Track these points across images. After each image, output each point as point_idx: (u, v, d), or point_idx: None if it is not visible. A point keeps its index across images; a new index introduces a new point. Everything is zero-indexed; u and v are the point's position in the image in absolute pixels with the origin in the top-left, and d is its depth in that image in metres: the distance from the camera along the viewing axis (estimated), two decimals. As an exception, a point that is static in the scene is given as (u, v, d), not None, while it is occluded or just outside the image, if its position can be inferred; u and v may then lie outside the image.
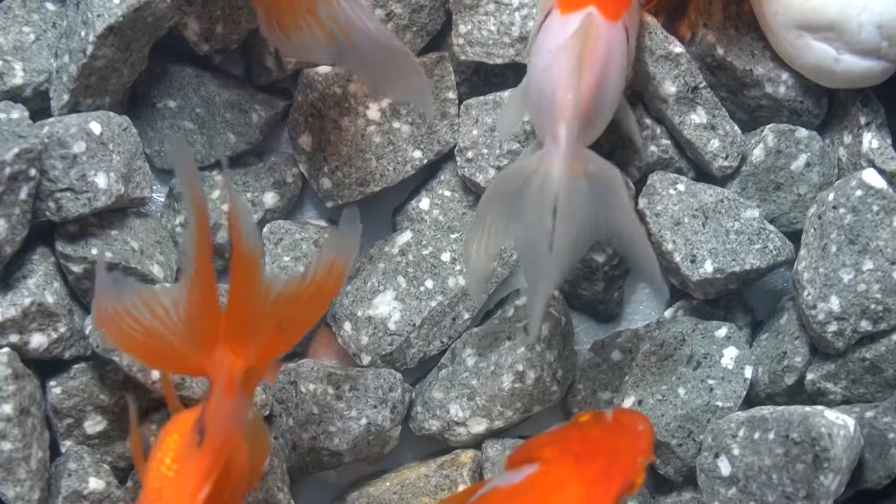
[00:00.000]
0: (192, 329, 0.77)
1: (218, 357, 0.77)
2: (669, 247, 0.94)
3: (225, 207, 0.98)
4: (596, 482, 0.79)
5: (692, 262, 0.94)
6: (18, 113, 0.91)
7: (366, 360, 0.96)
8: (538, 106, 0.83)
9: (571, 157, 0.80)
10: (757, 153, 0.98)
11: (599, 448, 0.80)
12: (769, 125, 0.98)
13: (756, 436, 0.88)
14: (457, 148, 0.98)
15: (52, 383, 0.93)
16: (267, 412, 0.96)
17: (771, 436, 0.87)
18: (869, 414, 0.91)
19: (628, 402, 0.95)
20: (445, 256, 0.97)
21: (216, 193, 0.99)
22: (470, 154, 0.98)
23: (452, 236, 0.98)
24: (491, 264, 0.95)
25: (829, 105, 1.00)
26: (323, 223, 1.00)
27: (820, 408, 0.88)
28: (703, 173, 1.00)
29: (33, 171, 0.88)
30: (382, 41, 0.85)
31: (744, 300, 1.00)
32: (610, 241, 0.83)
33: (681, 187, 0.96)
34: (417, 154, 0.99)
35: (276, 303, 0.78)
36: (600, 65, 0.83)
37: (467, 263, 0.87)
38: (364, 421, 0.95)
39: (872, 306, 0.91)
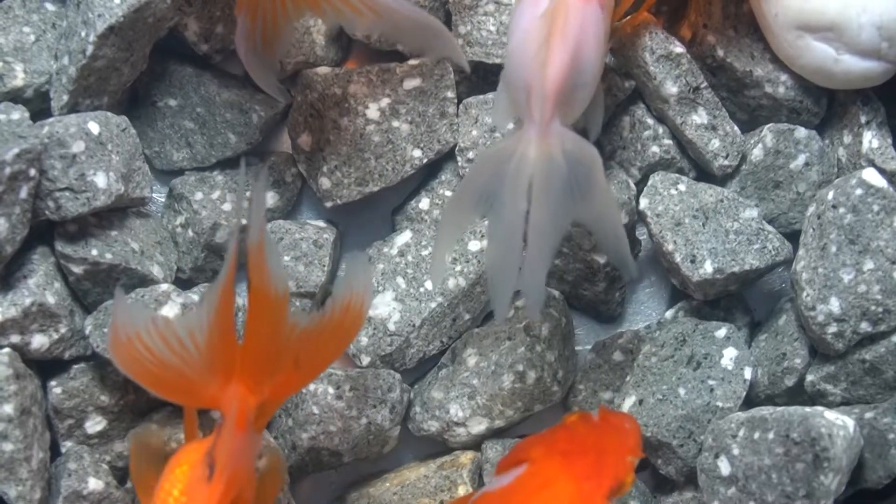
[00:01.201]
0: (208, 361, 0.76)
1: (232, 391, 0.76)
2: (670, 247, 0.94)
3: (225, 207, 0.98)
4: (586, 478, 0.79)
5: (692, 262, 0.94)
6: (19, 114, 0.91)
7: (365, 360, 0.96)
8: (514, 86, 0.83)
9: (547, 137, 0.80)
10: (756, 153, 0.98)
11: (587, 446, 0.80)
12: (768, 125, 0.98)
13: (756, 436, 0.88)
14: (457, 148, 0.99)
15: (53, 383, 0.93)
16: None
17: (771, 436, 0.87)
18: (869, 415, 0.91)
19: (629, 402, 0.95)
20: (446, 256, 0.97)
21: (216, 194, 0.98)
22: (471, 154, 0.98)
23: (453, 236, 0.98)
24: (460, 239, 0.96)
25: (828, 105, 1.00)
26: (322, 223, 1.00)
27: (820, 408, 0.88)
28: (703, 173, 1.00)
29: (33, 171, 0.88)
30: (405, 11, 0.85)
31: (743, 301, 1.00)
32: (583, 220, 0.83)
33: (682, 187, 0.96)
34: (417, 153, 0.99)
35: (294, 340, 0.78)
36: (574, 43, 0.81)
37: (439, 241, 0.88)
38: (364, 421, 0.95)
39: (873, 307, 0.91)
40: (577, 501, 0.79)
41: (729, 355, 0.95)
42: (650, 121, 0.99)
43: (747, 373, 0.94)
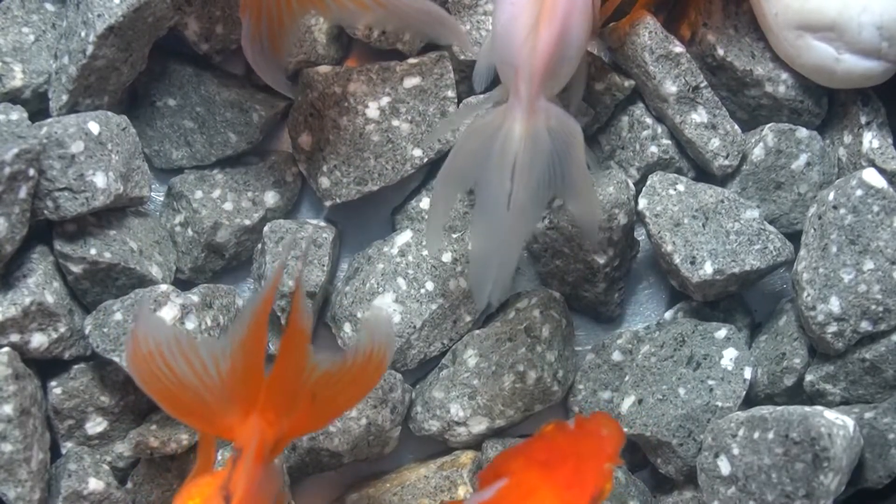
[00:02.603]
0: (230, 390, 0.75)
1: (252, 424, 0.75)
2: (669, 248, 0.94)
3: (226, 206, 0.98)
4: (567, 487, 0.79)
5: (692, 263, 0.94)
6: (18, 114, 0.91)
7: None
8: (501, 59, 0.83)
9: (533, 115, 0.80)
10: (757, 152, 0.98)
11: (566, 455, 0.80)
12: (769, 125, 0.98)
13: (756, 435, 0.88)
14: (457, 148, 0.98)
15: (53, 384, 0.93)
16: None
17: (770, 435, 0.88)
18: (868, 414, 0.91)
19: (628, 402, 0.95)
20: (446, 257, 0.97)
21: (216, 192, 0.98)
22: (471, 154, 0.98)
23: (454, 236, 0.98)
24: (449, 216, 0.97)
25: (829, 105, 1.00)
26: (321, 223, 1.00)
27: (819, 408, 0.88)
28: (703, 173, 1.00)
29: (32, 171, 0.88)
30: (409, 0, 0.86)
31: (743, 302, 1.00)
32: (560, 192, 0.83)
33: (681, 188, 0.96)
34: (417, 152, 0.99)
35: (315, 381, 0.77)
36: (563, 15, 0.81)
37: (432, 212, 0.88)
38: (364, 421, 0.95)
39: (873, 307, 0.91)
40: None
41: (729, 356, 0.95)
42: (649, 120, 0.99)
43: (747, 373, 0.94)
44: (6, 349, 0.89)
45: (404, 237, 0.98)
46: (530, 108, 0.80)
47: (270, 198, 1.00)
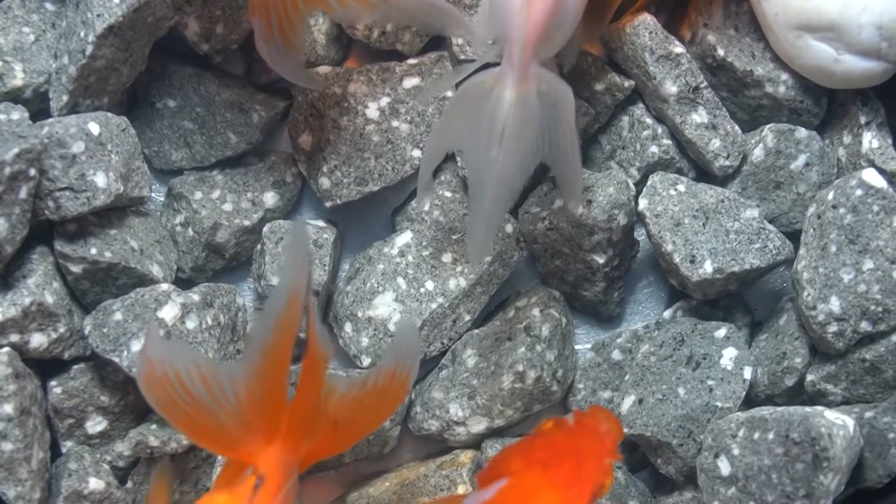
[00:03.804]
0: (252, 416, 0.74)
1: (276, 452, 0.74)
2: (669, 248, 0.94)
3: (225, 207, 0.98)
4: (568, 486, 0.79)
5: (691, 262, 0.94)
6: (18, 114, 0.91)
7: (366, 361, 0.96)
8: (497, 21, 0.83)
9: (524, 81, 0.81)
10: (757, 153, 0.98)
11: (565, 453, 0.80)
12: (769, 125, 0.98)
13: (756, 436, 0.88)
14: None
15: (53, 383, 0.93)
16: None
17: (770, 436, 0.87)
18: (868, 414, 0.91)
19: (628, 402, 0.95)
20: (446, 257, 0.97)
21: (216, 193, 0.98)
22: (471, 154, 0.98)
23: (453, 237, 0.98)
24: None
25: (828, 105, 1.00)
26: (321, 223, 1.00)
27: (819, 408, 0.88)
28: (703, 173, 1.00)
29: (33, 171, 0.88)
30: None
31: (743, 301, 1.00)
32: (546, 157, 0.83)
33: (681, 188, 0.96)
34: (417, 153, 0.99)
35: (335, 404, 0.76)
36: None
37: (424, 164, 0.88)
38: (364, 421, 0.95)
39: (872, 307, 0.91)
40: None
41: (728, 355, 0.95)
42: (649, 120, 0.99)
43: (747, 372, 0.94)
44: (6, 349, 0.89)
45: (404, 238, 0.98)
46: (522, 75, 0.81)
47: (270, 198, 1.00)
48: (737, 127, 0.99)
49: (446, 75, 0.98)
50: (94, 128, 0.91)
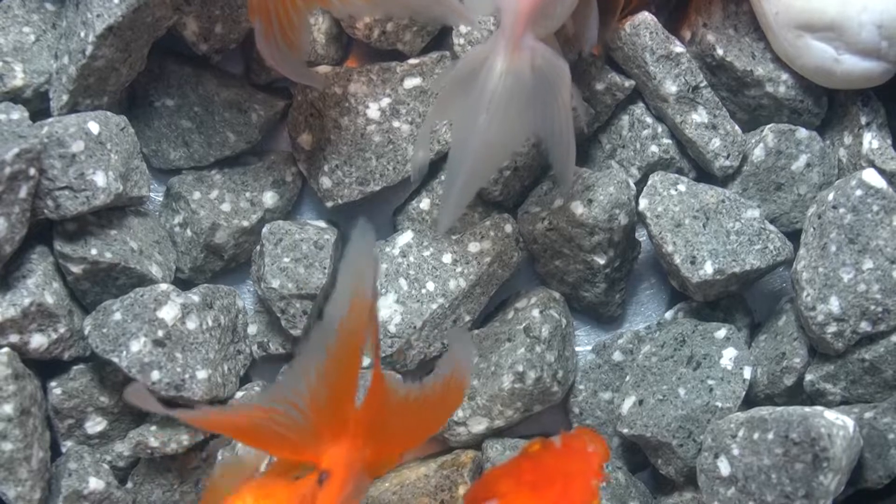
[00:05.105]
0: (318, 419, 0.73)
1: (342, 450, 0.74)
2: (669, 248, 0.94)
3: (224, 207, 0.98)
4: None
5: (692, 263, 0.94)
6: (18, 114, 0.91)
7: (365, 362, 0.96)
8: None
9: (516, 51, 0.81)
10: (757, 153, 0.98)
11: (553, 475, 0.81)
12: (769, 125, 0.98)
13: (755, 436, 0.88)
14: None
15: (53, 384, 0.93)
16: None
17: (770, 436, 0.87)
18: (868, 414, 0.91)
19: (629, 402, 0.95)
20: (447, 258, 0.97)
21: (214, 193, 0.98)
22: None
23: (454, 237, 0.98)
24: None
25: (829, 105, 1.00)
26: (322, 224, 1.00)
27: (819, 408, 0.88)
28: (704, 173, 1.00)
29: (33, 171, 0.88)
30: None
31: (744, 302, 1.00)
32: (539, 132, 0.83)
33: (682, 188, 0.96)
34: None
35: (396, 409, 0.75)
36: None
37: (421, 134, 0.88)
38: (364, 421, 0.95)
39: (872, 307, 0.91)
40: None
41: (728, 355, 0.95)
42: (649, 120, 0.99)
43: (746, 373, 0.94)
44: (6, 350, 0.89)
45: (405, 238, 0.98)
46: (514, 45, 0.80)
47: (269, 198, 1.00)
48: (737, 127, 0.98)
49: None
50: (93, 127, 0.91)
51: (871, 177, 0.92)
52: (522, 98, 0.81)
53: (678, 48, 0.96)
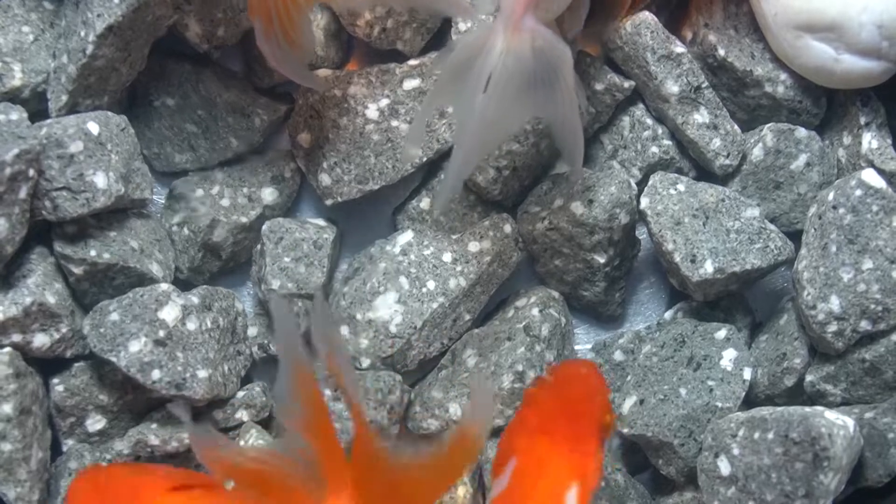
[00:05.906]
0: (318, 474, 0.75)
1: (341, 500, 0.75)
2: (669, 247, 0.94)
3: (223, 203, 0.98)
4: (573, 448, 0.78)
5: (692, 262, 0.94)
6: (17, 114, 0.91)
7: (365, 363, 0.96)
8: None
9: (516, 33, 0.81)
10: (756, 152, 0.98)
11: (557, 410, 0.80)
12: (768, 124, 0.98)
13: (756, 436, 0.88)
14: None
15: (56, 381, 0.93)
16: (266, 413, 0.96)
17: (770, 436, 0.88)
18: (868, 415, 0.91)
19: (630, 402, 0.95)
20: (447, 257, 0.97)
21: (215, 189, 0.98)
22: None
23: (454, 236, 0.98)
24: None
25: (828, 105, 1.00)
26: (322, 222, 1.00)
27: (819, 408, 0.88)
28: (704, 172, 1.00)
29: (32, 172, 0.88)
30: None
31: (744, 301, 1.00)
32: (544, 117, 0.83)
33: (681, 187, 0.96)
34: (417, 152, 0.99)
35: (403, 465, 0.75)
36: None
37: (420, 113, 0.89)
38: (364, 421, 0.94)
39: (872, 306, 0.91)
40: (575, 472, 0.78)
41: (728, 356, 0.95)
42: (649, 121, 0.99)
43: (746, 373, 0.94)
44: (7, 349, 0.89)
45: (406, 237, 0.98)
46: (514, 27, 0.81)
47: (268, 194, 1.00)
48: (736, 126, 0.99)
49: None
50: (93, 127, 0.91)
51: (870, 177, 0.92)
52: (523, 79, 0.81)
53: (679, 48, 0.96)
